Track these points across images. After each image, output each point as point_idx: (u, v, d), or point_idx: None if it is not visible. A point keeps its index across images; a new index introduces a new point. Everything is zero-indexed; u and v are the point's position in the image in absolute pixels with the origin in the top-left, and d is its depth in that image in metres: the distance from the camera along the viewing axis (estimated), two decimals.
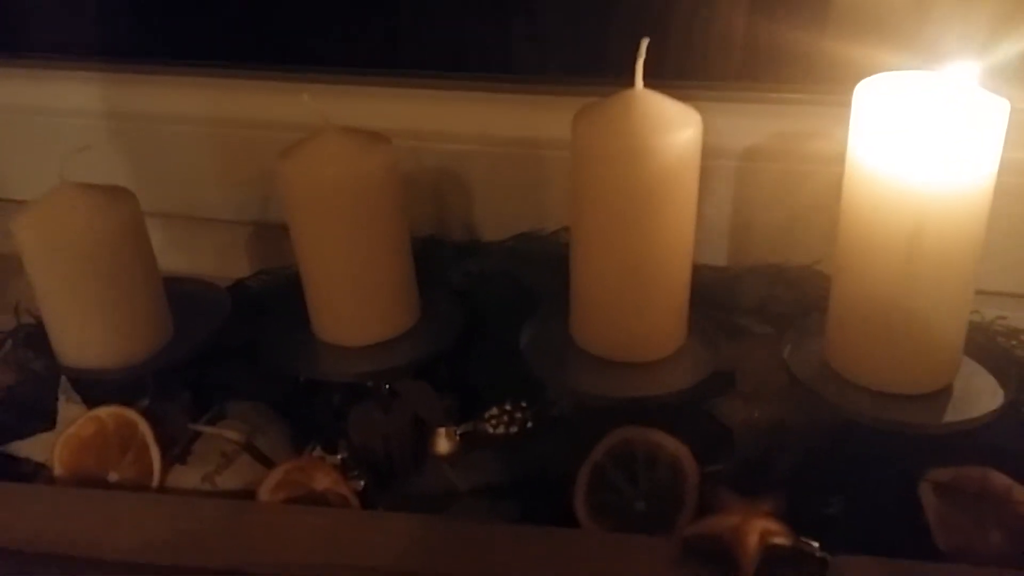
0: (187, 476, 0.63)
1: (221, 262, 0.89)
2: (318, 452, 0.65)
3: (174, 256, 0.91)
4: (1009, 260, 0.69)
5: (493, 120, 0.80)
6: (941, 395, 0.57)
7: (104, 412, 0.65)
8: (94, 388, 0.67)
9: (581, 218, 0.59)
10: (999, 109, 0.50)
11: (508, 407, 0.67)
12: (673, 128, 0.55)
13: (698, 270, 0.64)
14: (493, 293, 0.73)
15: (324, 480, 0.60)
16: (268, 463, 0.62)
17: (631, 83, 0.58)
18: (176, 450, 0.64)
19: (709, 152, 0.61)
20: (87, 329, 0.64)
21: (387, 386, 0.66)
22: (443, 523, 0.57)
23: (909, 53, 0.59)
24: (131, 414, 0.64)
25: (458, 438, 0.67)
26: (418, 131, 0.80)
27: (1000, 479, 0.56)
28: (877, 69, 0.56)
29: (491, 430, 0.67)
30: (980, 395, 0.57)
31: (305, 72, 0.83)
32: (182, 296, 0.70)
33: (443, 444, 0.67)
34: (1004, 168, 0.53)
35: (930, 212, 0.51)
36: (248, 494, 0.60)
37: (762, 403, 0.64)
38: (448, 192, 0.82)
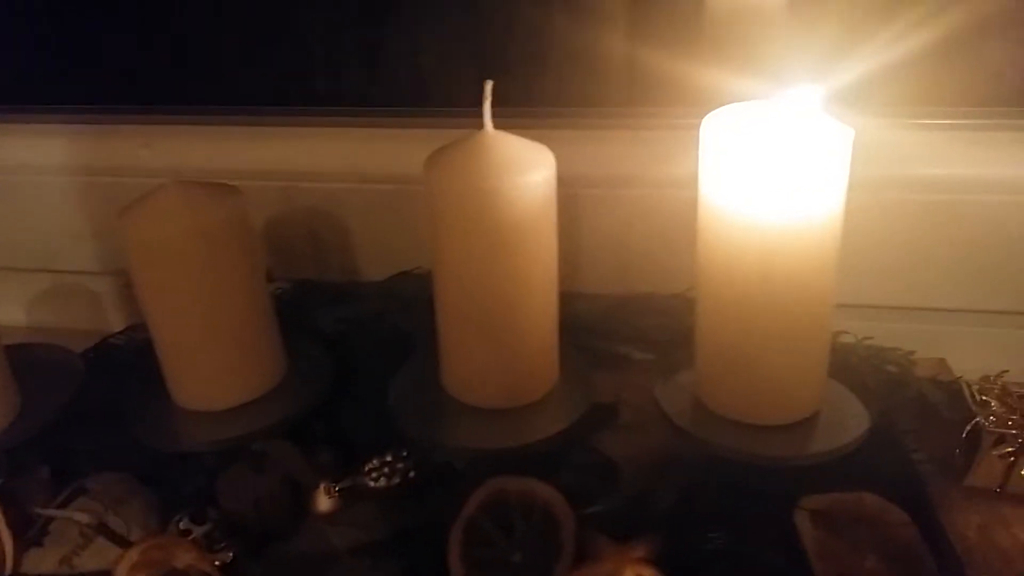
0: (45, 559, 0.59)
1: (91, 316, 0.86)
2: (185, 523, 0.61)
3: (41, 312, 0.87)
4: (872, 272, 0.70)
5: (368, 156, 0.78)
6: (808, 423, 0.57)
7: None
8: None
9: (439, 264, 0.58)
10: (844, 137, 0.50)
11: (389, 458, 0.65)
12: (524, 170, 0.54)
13: (573, 300, 0.63)
14: (367, 339, 0.71)
15: (185, 557, 0.57)
16: (124, 543, 0.59)
17: (497, 115, 0.56)
18: (32, 532, 0.60)
19: (579, 180, 0.60)
20: None
21: (257, 448, 0.63)
22: None
23: (763, 76, 0.59)
24: None
25: (338, 494, 0.64)
26: (288, 171, 0.78)
27: (874, 502, 0.56)
28: (736, 91, 0.56)
29: (372, 483, 0.64)
30: (847, 420, 0.57)
31: (165, 114, 0.80)
32: (31, 365, 0.67)
33: (323, 502, 0.64)
34: (858, 184, 0.53)
35: (780, 244, 0.50)
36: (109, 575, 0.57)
37: (643, 435, 0.63)
38: (325, 233, 0.80)
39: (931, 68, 0.68)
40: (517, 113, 0.57)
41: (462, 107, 0.74)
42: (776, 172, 0.49)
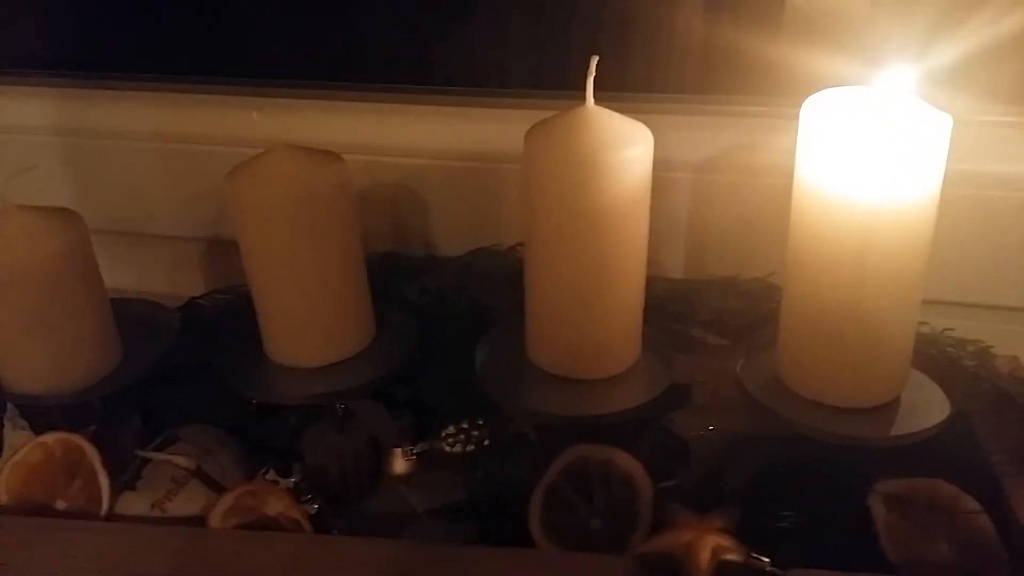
0: (137, 502, 0.61)
1: (175, 280, 0.88)
2: (272, 475, 0.64)
3: (126, 274, 0.90)
4: (956, 269, 0.70)
5: (450, 134, 0.79)
6: (890, 408, 0.57)
7: (51, 438, 0.63)
8: (41, 414, 0.66)
9: (533, 235, 0.59)
10: (942, 124, 0.51)
11: (466, 425, 0.67)
12: (623, 145, 0.55)
13: (653, 282, 0.64)
14: (450, 310, 0.72)
15: (276, 504, 0.59)
16: (219, 488, 0.61)
17: (581, 97, 0.57)
18: (125, 476, 0.63)
19: (665, 164, 0.61)
20: (32, 354, 0.63)
21: (342, 406, 0.66)
22: (397, 546, 0.56)
23: (860, 64, 0.60)
24: (79, 440, 0.63)
25: (415, 458, 0.66)
26: (374, 146, 0.80)
27: (948, 489, 0.57)
28: (829, 79, 0.57)
29: (449, 449, 0.66)
30: (928, 407, 0.57)
31: (258, 86, 0.83)
32: (131, 318, 0.69)
33: (400, 464, 0.67)
34: (949, 179, 0.53)
35: (877, 228, 0.51)
36: (200, 520, 0.59)
37: (717, 416, 0.65)
38: (405, 207, 0.82)
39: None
40: (603, 97, 0.58)
41: (546, 88, 0.76)
42: (876, 155, 0.50)
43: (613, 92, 0.59)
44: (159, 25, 0.85)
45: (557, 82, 0.76)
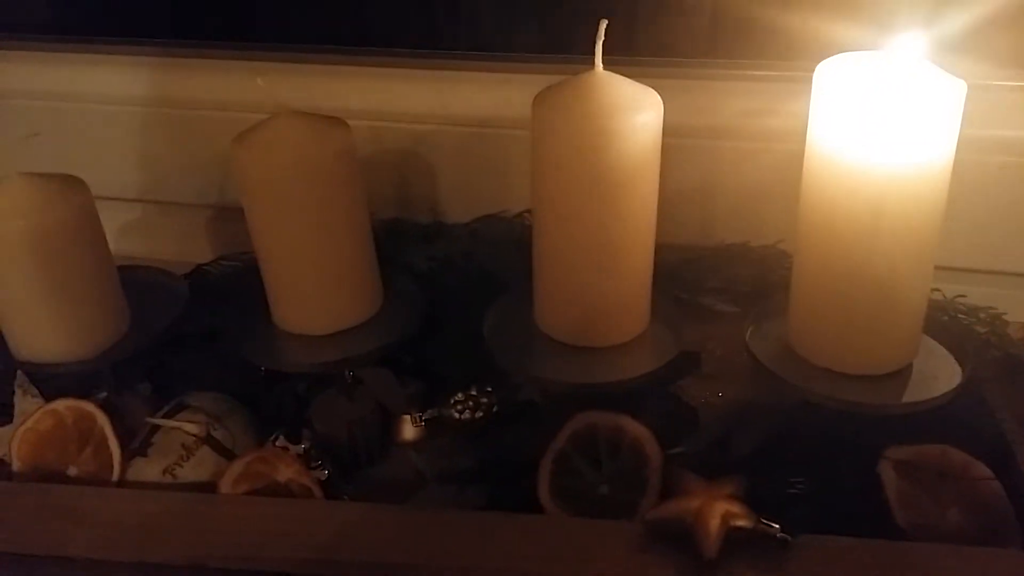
0: (148, 469, 0.62)
1: (182, 247, 0.88)
2: (281, 442, 0.64)
3: (134, 242, 0.90)
4: (970, 235, 0.70)
5: (458, 100, 0.78)
6: (901, 375, 0.57)
7: (62, 405, 0.64)
8: (51, 381, 0.66)
9: (541, 202, 0.59)
10: (956, 89, 0.50)
11: (474, 392, 0.67)
12: (632, 110, 0.54)
13: (662, 250, 0.64)
14: (457, 277, 0.72)
15: (286, 471, 0.59)
16: (229, 455, 0.62)
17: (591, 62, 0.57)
18: (136, 443, 0.63)
19: (676, 130, 0.60)
20: (41, 321, 0.63)
21: (351, 374, 0.66)
22: (406, 512, 0.57)
23: (874, 29, 0.59)
24: (89, 407, 0.63)
25: (423, 425, 0.66)
26: (380, 112, 0.79)
27: (959, 456, 0.57)
28: (841, 45, 0.56)
29: (457, 416, 0.66)
30: (939, 374, 0.57)
31: (263, 51, 0.82)
32: (139, 285, 0.69)
33: (408, 431, 0.67)
34: (962, 145, 0.53)
35: (890, 193, 0.51)
36: (211, 486, 0.60)
37: (726, 384, 0.65)
38: (412, 174, 0.81)
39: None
40: (613, 62, 0.57)
41: (555, 53, 0.75)
42: (890, 120, 0.49)
43: (623, 56, 0.58)
44: None
45: (566, 47, 0.75)
